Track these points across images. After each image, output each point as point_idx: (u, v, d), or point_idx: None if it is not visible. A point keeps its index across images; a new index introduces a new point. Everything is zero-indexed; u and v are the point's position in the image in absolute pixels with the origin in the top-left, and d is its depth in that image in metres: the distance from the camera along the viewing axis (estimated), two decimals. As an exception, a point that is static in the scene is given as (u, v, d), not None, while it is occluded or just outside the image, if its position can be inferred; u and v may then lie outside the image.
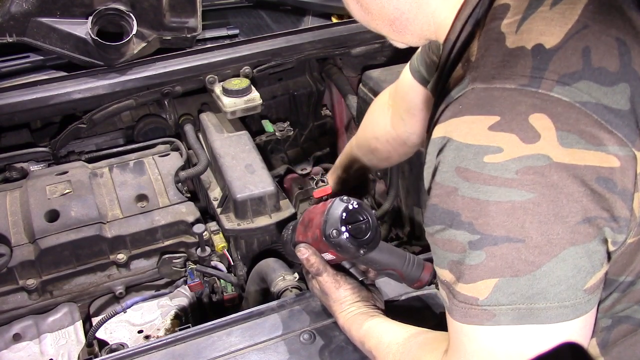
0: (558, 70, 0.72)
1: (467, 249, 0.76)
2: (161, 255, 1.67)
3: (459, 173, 0.75)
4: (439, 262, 0.83)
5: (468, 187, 0.74)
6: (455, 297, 0.79)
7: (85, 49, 1.78)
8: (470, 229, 0.75)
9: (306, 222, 1.15)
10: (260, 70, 1.97)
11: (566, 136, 0.70)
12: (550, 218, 0.71)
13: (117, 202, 1.69)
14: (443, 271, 0.82)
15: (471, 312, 0.77)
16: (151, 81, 1.84)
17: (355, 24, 2.07)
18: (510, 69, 0.74)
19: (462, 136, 0.75)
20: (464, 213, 0.75)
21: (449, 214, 0.77)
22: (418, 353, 0.93)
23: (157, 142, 1.97)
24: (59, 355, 1.49)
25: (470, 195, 0.74)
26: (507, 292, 0.74)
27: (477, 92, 0.75)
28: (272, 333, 1.20)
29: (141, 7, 1.81)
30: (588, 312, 0.76)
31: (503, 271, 0.74)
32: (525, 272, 0.73)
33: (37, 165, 1.85)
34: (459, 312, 0.79)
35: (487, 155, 0.73)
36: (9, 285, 1.55)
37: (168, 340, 1.20)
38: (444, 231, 0.79)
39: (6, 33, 1.74)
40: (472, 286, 0.76)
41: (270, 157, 2.33)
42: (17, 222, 1.61)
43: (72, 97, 1.76)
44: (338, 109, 2.38)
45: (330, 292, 1.15)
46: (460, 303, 0.78)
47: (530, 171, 0.71)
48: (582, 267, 0.73)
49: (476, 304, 0.76)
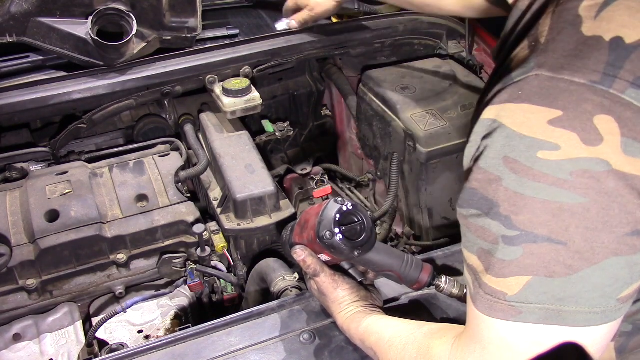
0: (635, 71, 0.67)
1: (500, 242, 0.73)
2: (161, 255, 1.67)
3: (506, 163, 0.72)
4: (468, 245, 0.80)
5: (514, 180, 0.71)
6: (481, 287, 0.77)
7: (85, 49, 1.78)
8: (506, 223, 0.72)
9: (302, 223, 1.15)
10: (260, 70, 1.97)
11: (631, 144, 0.66)
12: (598, 225, 0.69)
13: (117, 202, 1.69)
14: (471, 256, 0.80)
15: (497, 306, 0.75)
16: (151, 81, 1.84)
17: (355, 24, 2.08)
18: (582, 60, 0.69)
19: (517, 125, 0.71)
20: (504, 205, 0.72)
21: (487, 202, 0.74)
22: (425, 341, 0.91)
23: (157, 142, 1.97)
24: (59, 355, 1.49)
25: (515, 188, 0.71)
26: (539, 291, 0.72)
27: (541, 79, 0.71)
28: (272, 333, 1.20)
29: (141, 7, 1.81)
30: (616, 320, 0.74)
31: (538, 270, 0.72)
32: (561, 274, 0.71)
33: (37, 165, 1.85)
34: (483, 304, 0.77)
35: (541, 151, 0.69)
36: (9, 285, 1.55)
37: (168, 340, 1.20)
38: (478, 217, 0.76)
39: (6, 33, 1.74)
40: (501, 281, 0.74)
41: (270, 157, 2.33)
42: (17, 222, 1.61)
43: (72, 97, 1.76)
44: (338, 109, 2.38)
45: (328, 292, 1.15)
46: (486, 295, 0.76)
47: (586, 175, 0.67)
48: (621, 277, 0.71)
49: (504, 299, 0.74)
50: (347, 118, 2.34)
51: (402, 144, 1.84)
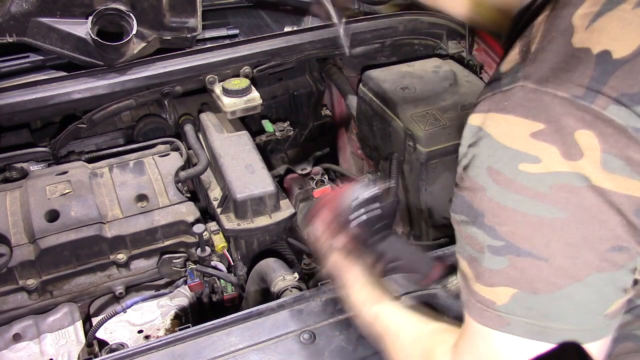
0: (618, 87, 0.65)
1: (485, 251, 0.74)
2: (161, 255, 1.67)
3: (490, 174, 0.72)
4: (460, 249, 0.81)
5: (497, 191, 0.72)
6: (472, 294, 0.78)
7: (85, 49, 1.78)
8: (491, 233, 0.73)
9: (323, 203, 1.14)
10: (260, 70, 1.97)
11: (611, 160, 0.65)
12: (578, 241, 0.68)
13: (117, 202, 1.69)
14: (462, 261, 0.80)
15: (487, 314, 0.76)
16: (151, 81, 1.84)
17: (355, 24, 2.08)
18: (568, 74, 0.68)
19: (501, 136, 0.71)
20: (488, 216, 0.73)
21: (473, 211, 0.75)
22: (428, 342, 0.91)
23: (157, 142, 1.97)
24: (59, 355, 1.49)
25: (498, 200, 0.71)
26: (524, 306, 0.72)
27: (526, 91, 0.70)
28: (272, 333, 1.20)
29: (141, 7, 1.81)
30: (606, 336, 0.74)
31: (522, 285, 0.72)
32: (545, 291, 0.71)
33: (37, 165, 1.85)
34: (475, 311, 0.78)
35: (522, 163, 0.69)
36: (9, 285, 1.55)
37: (168, 340, 1.20)
38: (467, 224, 0.77)
39: (6, 33, 1.74)
40: (490, 290, 0.75)
41: (270, 157, 2.33)
42: (17, 222, 1.61)
43: (72, 97, 1.76)
44: (338, 109, 2.38)
45: (344, 270, 1.13)
46: (477, 302, 0.77)
47: (565, 189, 0.67)
48: (606, 293, 0.70)
49: (493, 307, 0.75)
50: (347, 118, 2.34)
51: (402, 144, 1.84)
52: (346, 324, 1.21)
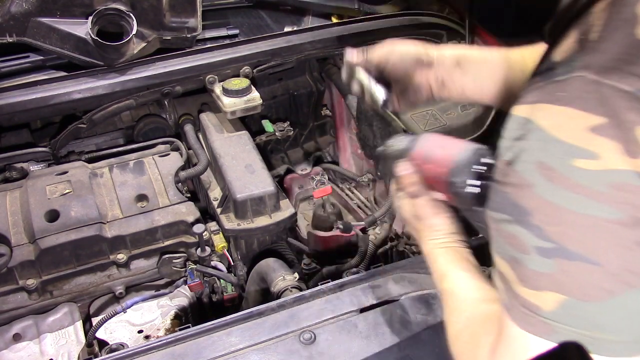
0: None
1: (532, 252, 0.69)
2: (161, 255, 1.67)
3: (540, 169, 0.67)
4: (498, 250, 0.76)
5: (548, 188, 0.67)
6: (515, 297, 0.73)
7: (85, 49, 1.78)
8: (539, 234, 0.68)
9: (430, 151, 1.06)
10: (260, 70, 1.97)
11: None
12: (635, 245, 0.64)
13: (117, 202, 1.69)
14: (501, 261, 0.76)
15: (531, 319, 0.71)
16: (151, 81, 1.84)
17: (355, 24, 2.08)
18: (631, 66, 0.63)
19: (555, 129, 0.66)
20: (536, 215, 0.68)
21: (518, 209, 0.70)
22: (478, 328, 0.87)
23: (157, 142, 1.97)
24: (59, 355, 1.49)
25: (548, 197, 0.67)
26: (573, 314, 0.68)
27: (586, 82, 0.65)
28: (272, 333, 1.20)
29: (141, 7, 1.81)
30: None
31: (572, 291, 0.67)
32: (597, 298, 0.66)
33: (37, 165, 1.85)
34: (518, 315, 0.73)
35: (578, 159, 0.64)
36: (9, 285, 1.55)
37: (168, 340, 1.20)
38: (509, 224, 0.72)
39: (6, 33, 1.74)
40: (536, 294, 0.70)
41: (270, 157, 2.33)
42: (17, 222, 1.61)
43: (72, 97, 1.76)
44: (338, 109, 2.38)
45: (427, 216, 1.07)
46: (521, 307, 0.73)
47: (625, 188, 0.63)
48: None
49: (538, 313, 0.70)
50: (347, 118, 2.34)
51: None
52: (346, 324, 1.22)
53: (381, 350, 1.16)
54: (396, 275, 1.33)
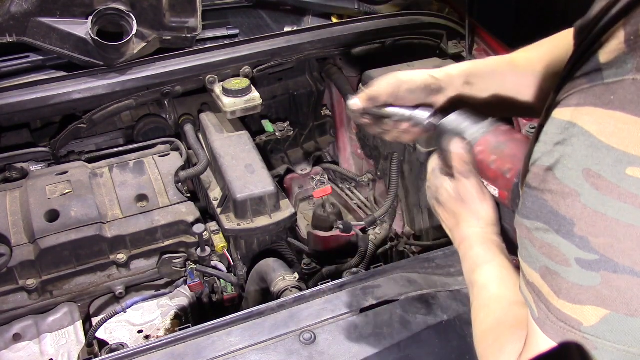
0: None
1: (573, 264, 0.66)
2: (161, 255, 1.67)
3: (587, 177, 0.63)
4: (529, 260, 0.73)
5: (595, 197, 0.63)
6: (551, 311, 0.70)
7: (85, 49, 1.78)
8: (582, 245, 0.64)
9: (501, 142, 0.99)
10: (260, 70, 1.97)
11: None
12: None
13: (117, 202, 1.69)
14: (533, 273, 0.72)
15: (569, 335, 0.68)
16: (151, 81, 1.84)
17: (355, 24, 2.08)
18: None
19: (606, 135, 0.62)
20: (580, 225, 0.64)
21: (558, 218, 0.66)
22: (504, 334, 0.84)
23: (157, 142, 1.97)
24: (59, 355, 1.49)
25: (595, 207, 0.63)
26: (618, 330, 0.65)
27: (639, 86, 0.61)
28: (272, 333, 1.20)
29: (141, 7, 1.81)
30: None
31: (617, 306, 0.64)
32: None
33: (37, 165, 1.85)
34: (554, 331, 0.70)
35: (631, 167, 0.60)
36: (9, 285, 1.55)
37: (168, 340, 1.20)
38: (546, 233, 0.68)
39: (6, 33, 1.74)
40: (577, 308, 0.67)
41: (270, 157, 2.33)
42: (17, 222, 1.61)
43: (72, 97, 1.76)
44: (338, 109, 2.38)
45: (472, 200, 1.02)
46: (558, 321, 0.69)
47: None
48: None
49: (578, 329, 0.67)
50: (347, 118, 2.34)
51: (402, 144, 1.84)
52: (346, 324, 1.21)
53: (381, 350, 1.16)
54: (396, 275, 1.33)
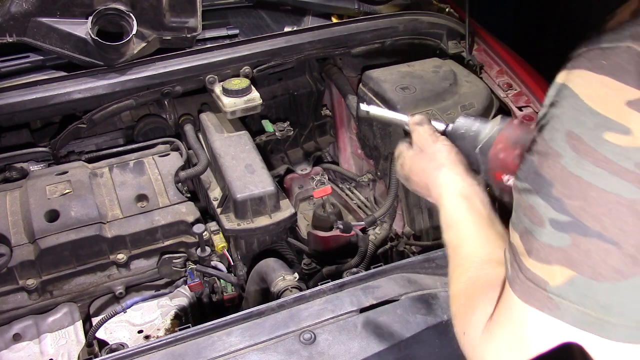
0: None
1: (546, 225, 0.67)
2: (161, 255, 1.67)
3: (569, 139, 0.64)
4: (515, 222, 0.74)
5: (573, 160, 0.64)
6: (521, 270, 0.71)
7: (85, 49, 1.78)
8: (557, 206, 0.66)
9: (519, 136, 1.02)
10: (260, 70, 1.97)
11: None
12: None
13: (117, 202, 1.69)
14: (514, 233, 0.74)
15: (536, 294, 0.69)
16: (151, 81, 1.84)
17: (355, 24, 2.08)
18: None
19: (591, 98, 0.63)
20: (557, 186, 0.65)
21: (540, 179, 0.68)
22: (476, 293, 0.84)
23: (157, 142, 1.97)
24: (59, 355, 1.49)
25: (573, 170, 0.64)
26: (581, 292, 0.66)
27: (632, 54, 0.61)
28: (272, 333, 1.20)
29: (141, 7, 1.81)
30: None
31: (583, 268, 0.65)
32: (608, 279, 0.64)
33: (37, 165, 1.85)
34: (521, 289, 0.71)
35: (609, 132, 0.61)
36: (9, 285, 1.55)
37: (168, 340, 1.20)
38: (529, 193, 0.70)
39: (6, 33, 1.74)
40: (545, 267, 0.68)
41: (270, 157, 2.33)
42: (17, 222, 1.61)
43: (72, 97, 1.76)
44: (338, 109, 2.38)
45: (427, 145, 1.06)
46: (526, 280, 0.70)
47: None
48: None
49: (544, 287, 0.68)
50: (347, 118, 2.34)
51: (402, 144, 1.84)
52: (346, 324, 1.22)
53: (381, 350, 1.16)
54: (396, 275, 1.33)
